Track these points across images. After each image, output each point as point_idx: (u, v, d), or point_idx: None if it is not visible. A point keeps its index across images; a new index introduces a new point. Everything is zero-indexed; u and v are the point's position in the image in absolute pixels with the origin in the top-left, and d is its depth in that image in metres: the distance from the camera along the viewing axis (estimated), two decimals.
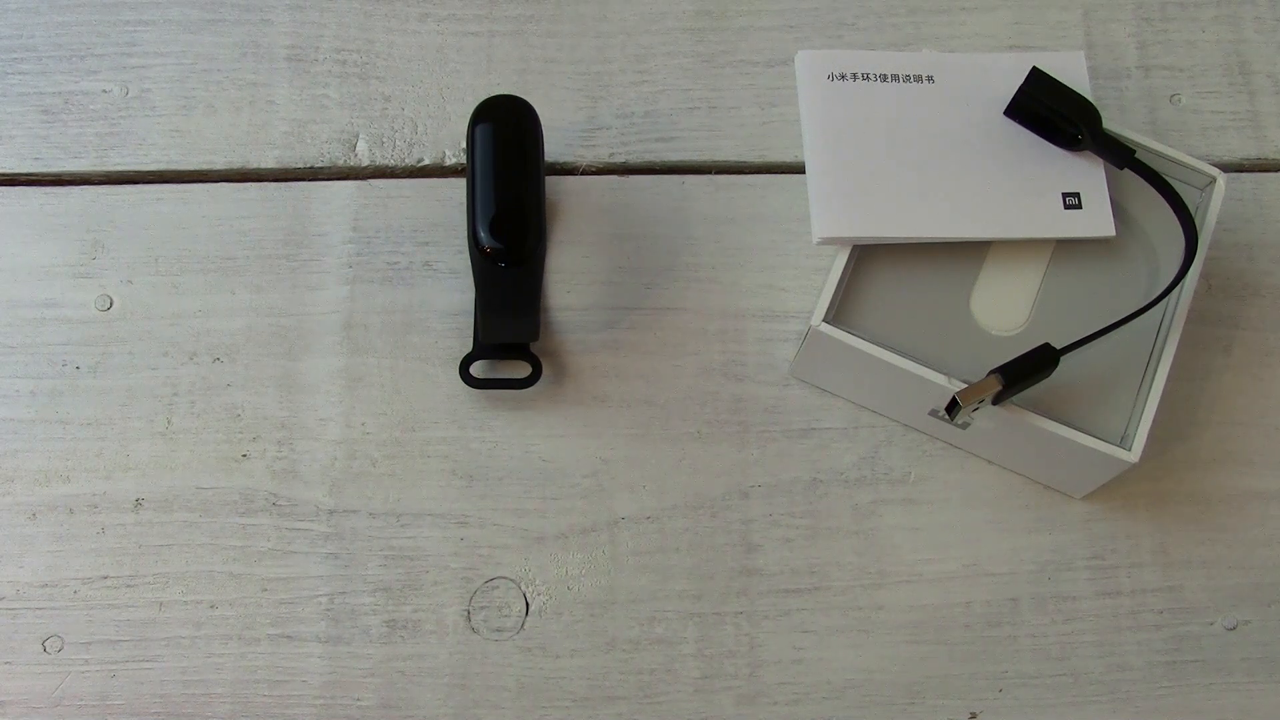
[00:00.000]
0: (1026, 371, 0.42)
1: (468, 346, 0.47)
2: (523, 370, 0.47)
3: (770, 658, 0.45)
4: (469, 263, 0.47)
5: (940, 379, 0.43)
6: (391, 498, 0.46)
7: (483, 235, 0.44)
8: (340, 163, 0.50)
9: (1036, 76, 0.46)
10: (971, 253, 0.46)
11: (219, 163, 0.50)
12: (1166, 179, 0.46)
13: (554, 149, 0.50)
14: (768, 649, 0.45)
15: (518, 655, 0.45)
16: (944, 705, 0.45)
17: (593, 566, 0.46)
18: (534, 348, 0.47)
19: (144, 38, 0.52)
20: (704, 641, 0.45)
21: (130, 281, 0.48)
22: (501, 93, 0.46)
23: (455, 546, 0.46)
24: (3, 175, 0.50)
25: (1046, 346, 0.43)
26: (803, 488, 0.47)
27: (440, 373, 0.47)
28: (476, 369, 0.47)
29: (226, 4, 0.52)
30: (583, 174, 0.51)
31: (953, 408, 0.42)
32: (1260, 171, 0.52)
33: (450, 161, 0.51)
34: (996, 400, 0.43)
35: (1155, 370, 0.45)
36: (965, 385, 0.43)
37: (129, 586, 0.45)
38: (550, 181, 0.50)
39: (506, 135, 0.45)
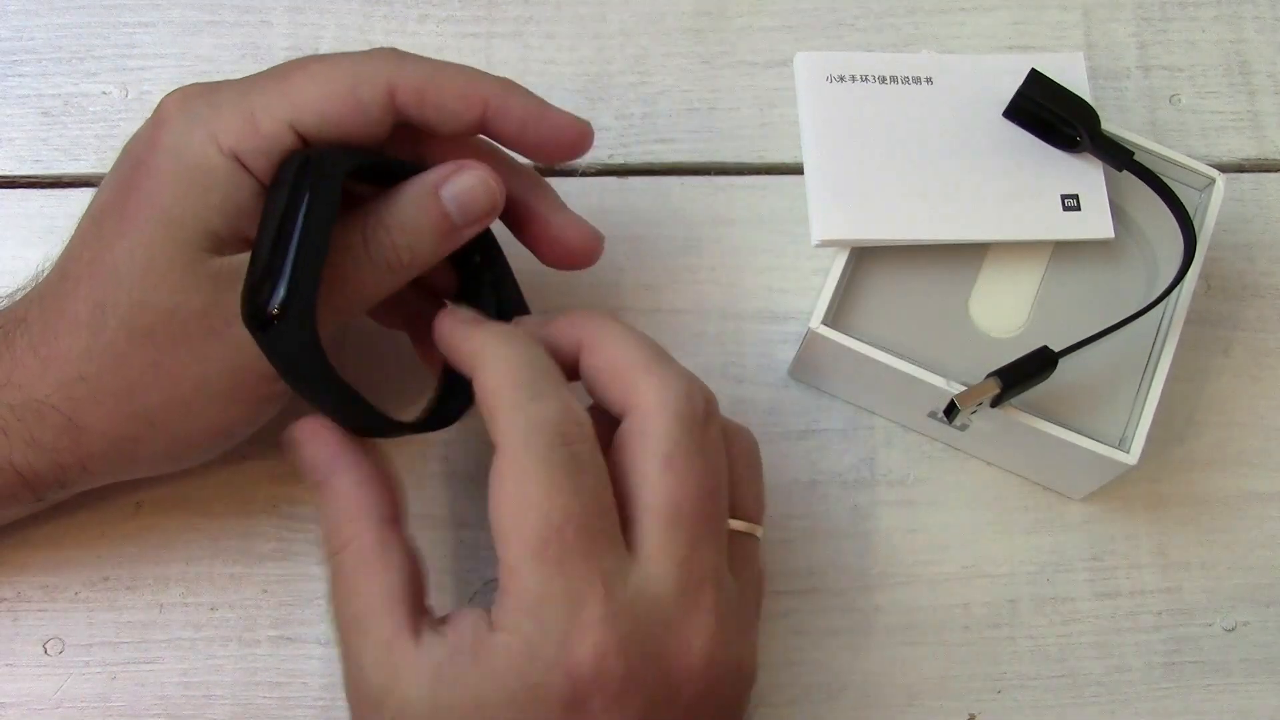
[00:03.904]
0: (1025, 374, 0.43)
1: None
2: None
3: (767, 659, 0.45)
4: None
5: (938, 382, 0.43)
6: None
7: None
8: None
9: (1035, 78, 0.46)
10: (970, 255, 0.46)
11: None
12: (1165, 181, 0.46)
13: None
14: (764, 651, 0.45)
15: None
16: (942, 707, 0.45)
17: None
18: None
19: (143, 39, 0.52)
20: None
21: None
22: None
23: (454, 548, 0.46)
24: (2, 178, 0.50)
25: (1045, 349, 0.43)
26: (801, 489, 0.47)
27: None
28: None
29: (226, 5, 0.52)
30: (582, 175, 0.51)
31: (951, 410, 0.42)
32: (1260, 172, 0.52)
33: None
34: (995, 403, 0.43)
35: (1154, 372, 0.45)
36: (963, 388, 0.43)
37: (129, 589, 0.45)
38: (550, 183, 0.49)
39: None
